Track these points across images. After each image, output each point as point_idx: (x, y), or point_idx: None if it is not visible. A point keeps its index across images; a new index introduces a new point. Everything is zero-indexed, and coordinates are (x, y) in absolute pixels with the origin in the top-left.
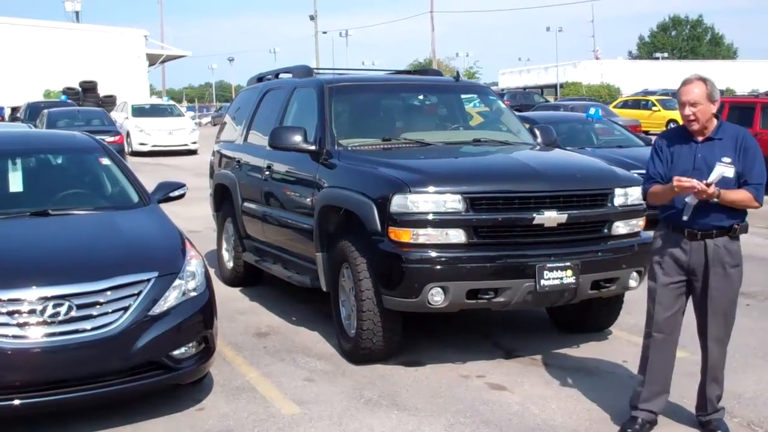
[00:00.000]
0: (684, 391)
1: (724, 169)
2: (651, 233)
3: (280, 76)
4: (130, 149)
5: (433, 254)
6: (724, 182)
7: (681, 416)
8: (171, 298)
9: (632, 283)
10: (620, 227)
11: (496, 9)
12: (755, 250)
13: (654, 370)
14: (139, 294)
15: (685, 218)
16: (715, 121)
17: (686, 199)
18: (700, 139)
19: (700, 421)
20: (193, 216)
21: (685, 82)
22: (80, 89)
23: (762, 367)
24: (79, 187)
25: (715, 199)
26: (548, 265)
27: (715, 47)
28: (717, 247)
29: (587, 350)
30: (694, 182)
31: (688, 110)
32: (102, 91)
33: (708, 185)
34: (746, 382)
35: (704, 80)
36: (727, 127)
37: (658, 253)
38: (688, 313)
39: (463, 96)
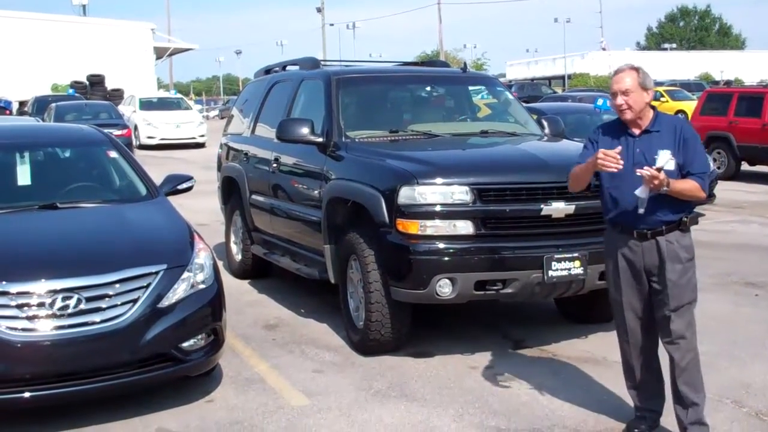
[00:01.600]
0: None
1: (667, 154)
2: None
3: (288, 68)
4: (137, 142)
5: (441, 246)
6: (667, 174)
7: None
8: (179, 291)
9: None
10: None
11: (503, 0)
12: (764, 240)
13: (643, 373)
14: (147, 286)
15: (641, 211)
16: (651, 113)
17: (636, 192)
18: (636, 132)
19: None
20: (201, 209)
21: (617, 71)
22: (88, 83)
23: None
24: (87, 180)
25: (665, 188)
26: (556, 256)
27: (724, 37)
28: (670, 244)
29: (595, 341)
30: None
31: (620, 99)
32: (109, 84)
33: (658, 170)
34: (754, 372)
35: (636, 69)
36: (664, 118)
37: (611, 259)
38: None
39: (470, 87)
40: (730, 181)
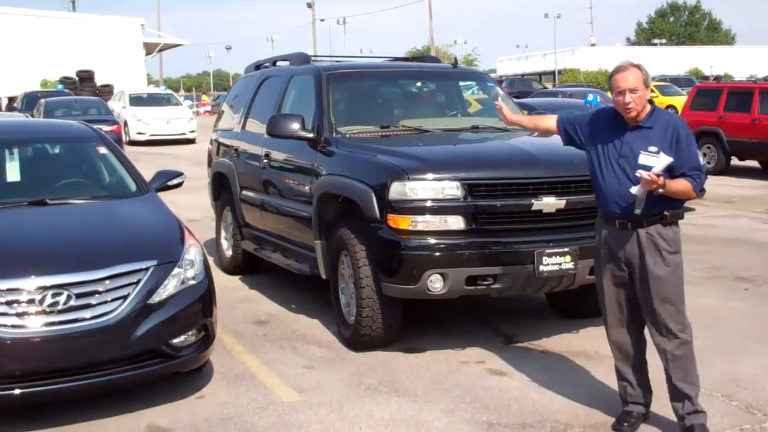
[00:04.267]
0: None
1: (668, 159)
2: None
3: (278, 63)
4: (127, 138)
5: (432, 241)
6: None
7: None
8: (170, 287)
9: None
10: None
11: None
12: (753, 235)
13: (629, 366)
14: (138, 282)
15: (638, 212)
16: (648, 107)
17: (632, 191)
18: (629, 126)
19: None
20: (192, 205)
21: (620, 69)
22: (77, 79)
23: (760, 352)
24: (77, 176)
25: (661, 190)
26: (547, 250)
27: (713, 33)
28: (650, 236)
29: (586, 335)
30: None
31: (629, 97)
32: (99, 80)
33: (659, 176)
34: (744, 366)
35: (638, 66)
36: (660, 114)
37: (599, 247)
38: None
39: (461, 83)
40: (719, 176)
